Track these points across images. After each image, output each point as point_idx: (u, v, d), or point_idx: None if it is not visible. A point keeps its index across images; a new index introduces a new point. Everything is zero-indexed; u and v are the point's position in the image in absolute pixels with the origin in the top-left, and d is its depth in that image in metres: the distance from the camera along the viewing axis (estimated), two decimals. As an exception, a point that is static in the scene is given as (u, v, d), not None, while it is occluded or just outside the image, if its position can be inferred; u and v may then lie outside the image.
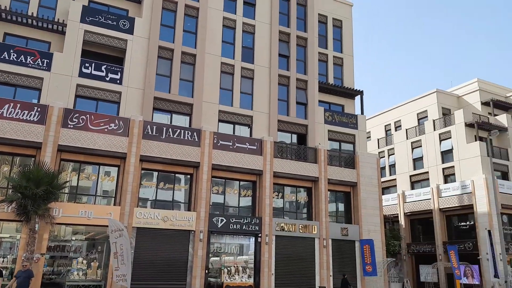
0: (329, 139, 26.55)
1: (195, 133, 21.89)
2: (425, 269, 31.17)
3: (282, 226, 23.00)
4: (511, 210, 30.85)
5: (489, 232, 25.55)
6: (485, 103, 36.18)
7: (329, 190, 25.04)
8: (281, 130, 25.19)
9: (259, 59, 25.55)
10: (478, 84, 38.26)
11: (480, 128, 32.89)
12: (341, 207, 26.33)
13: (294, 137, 25.97)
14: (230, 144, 22.73)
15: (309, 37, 27.42)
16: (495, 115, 35.45)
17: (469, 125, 32.82)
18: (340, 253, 24.36)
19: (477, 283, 28.11)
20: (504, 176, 32.32)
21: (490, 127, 32.59)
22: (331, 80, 28.26)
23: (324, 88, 27.50)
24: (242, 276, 21.82)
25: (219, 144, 22.36)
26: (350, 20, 30.29)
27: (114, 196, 20.17)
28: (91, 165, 20.15)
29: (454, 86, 41.34)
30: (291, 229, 23.20)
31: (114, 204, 19.88)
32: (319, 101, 27.14)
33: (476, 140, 32.25)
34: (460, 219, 32.15)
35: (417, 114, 38.28)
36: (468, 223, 31.32)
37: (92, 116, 19.79)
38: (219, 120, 23.63)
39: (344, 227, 24.81)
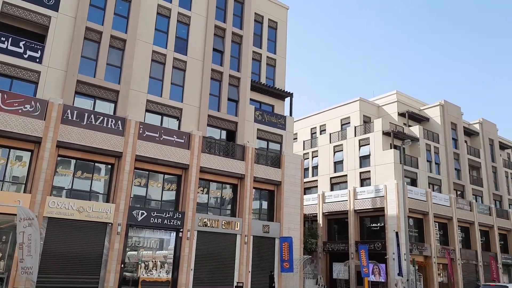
0: (258, 138, 26.96)
1: (119, 122, 21.00)
2: (338, 267, 32.86)
3: (205, 222, 22.90)
4: (417, 214, 33.62)
5: (397, 233, 27.65)
6: (401, 114, 39.10)
7: (254, 187, 25.44)
8: (210, 125, 25.06)
9: (193, 52, 25.15)
10: (397, 96, 41.21)
11: (395, 137, 35.42)
12: (265, 205, 26.86)
13: (224, 133, 25.97)
14: (157, 135, 22.14)
15: (245, 34, 27.56)
16: (409, 126, 38.41)
17: (386, 134, 35.21)
18: (260, 249, 24.86)
19: (383, 280, 30.23)
20: (413, 183, 35.10)
21: (404, 137, 35.23)
22: (263, 80, 28.67)
23: (256, 87, 27.82)
24: (160, 271, 21.39)
25: (144, 135, 21.69)
26: (285, 23, 30.94)
27: (24, 182, 18.69)
28: (0, 148, 18.48)
29: (375, 96, 44.16)
30: (214, 225, 23.19)
31: (24, 191, 18.43)
32: (250, 99, 27.43)
33: (391, 148, 34.70)
34: (372, 221, 34.36)
35: (341, 119, 40.28)
36: (379, 224, 33.56)
37: (5, 95, 18.15)
38: (147, 110, 22.90)
39: (266, 224, 25.35)
